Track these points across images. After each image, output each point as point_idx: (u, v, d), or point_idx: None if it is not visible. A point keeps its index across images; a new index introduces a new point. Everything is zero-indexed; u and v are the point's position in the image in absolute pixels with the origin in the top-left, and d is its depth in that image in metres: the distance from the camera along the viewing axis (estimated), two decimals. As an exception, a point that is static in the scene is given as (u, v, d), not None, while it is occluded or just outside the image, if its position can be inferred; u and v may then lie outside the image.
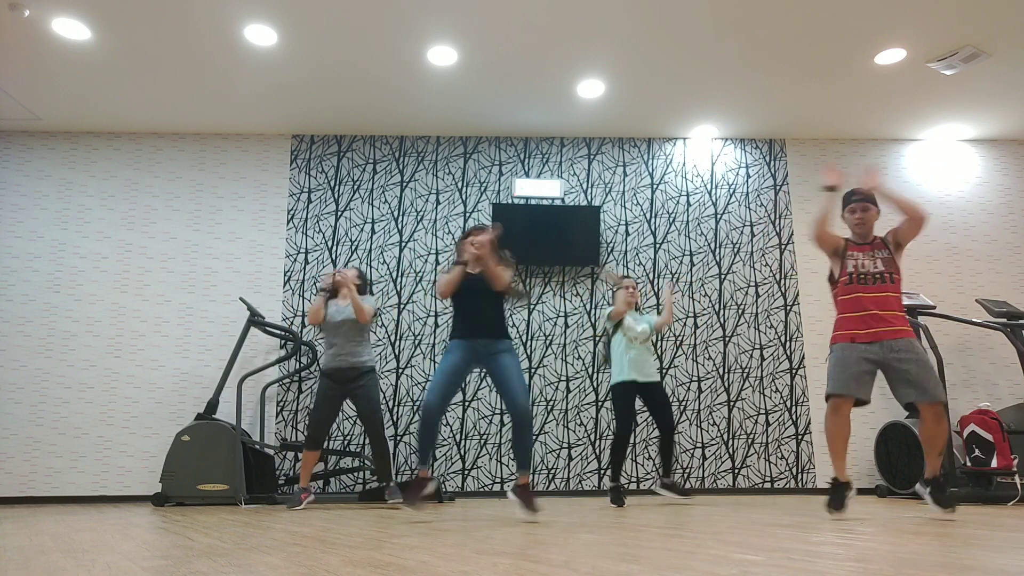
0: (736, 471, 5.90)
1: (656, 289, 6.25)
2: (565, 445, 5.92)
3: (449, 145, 6.48)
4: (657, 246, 6.33)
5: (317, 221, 6.28)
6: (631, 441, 4.74)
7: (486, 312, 3.47)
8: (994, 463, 4.54)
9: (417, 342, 6.07)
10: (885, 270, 3.44)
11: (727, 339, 6.16)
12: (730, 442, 5.95)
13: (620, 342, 4.71)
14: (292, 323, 6.06)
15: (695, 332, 6.16)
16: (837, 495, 3.37)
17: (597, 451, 5.92)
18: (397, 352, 6.05)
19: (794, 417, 6.00)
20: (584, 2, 4.59)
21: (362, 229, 6.29)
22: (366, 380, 4.54)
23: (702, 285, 6.26)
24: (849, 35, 4.96)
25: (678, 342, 6.13)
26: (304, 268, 6.18)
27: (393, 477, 4.59)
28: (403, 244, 6.27)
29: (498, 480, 5.85)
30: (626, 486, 5.85)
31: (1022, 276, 6.31)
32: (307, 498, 4.43)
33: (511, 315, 6.15)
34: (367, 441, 4.68)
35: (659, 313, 6.09)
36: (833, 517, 3.31)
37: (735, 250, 6.33)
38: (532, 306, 6.18)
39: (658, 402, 4.64)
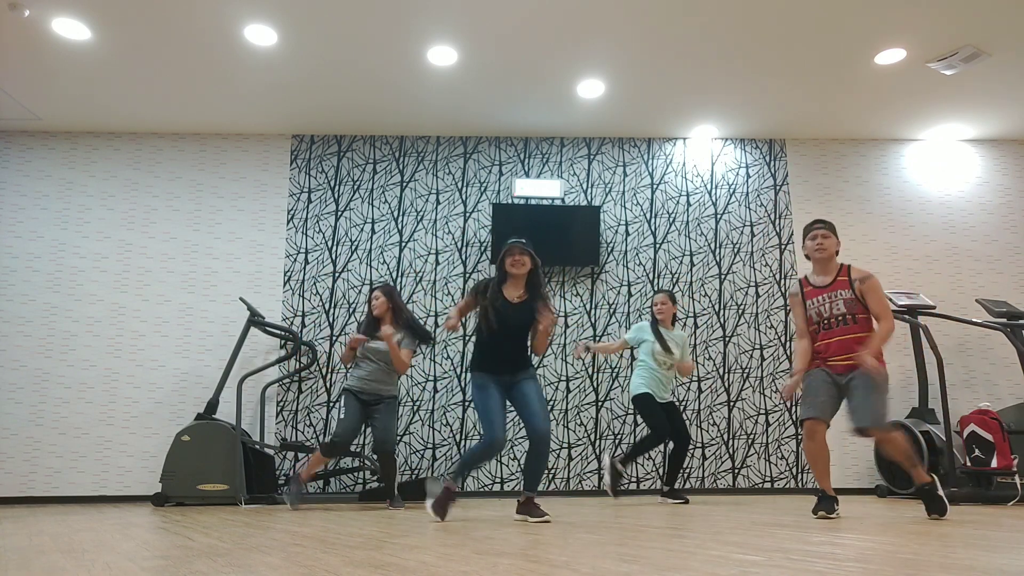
0: (736, 471, 5.90)
1: (656, 290, 6.24)
2: (565, 445, 5.92)
3: (449, 145, 6.48)
4: (657, 246, 6.33)
5: (317, 221, 6.28)
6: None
7: (515, 352, 3.46)
8: (994, 463, 4.54)
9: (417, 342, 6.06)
10: (847, 312, 3.45)
11: (727, 339, 6.16)
12: (730, 442, 5.95)
13: (648, 357, 4.86)
14: (292, 323, 6.06)
15: (695, 332, 6.15)
16: (826, 503, 3.39)
17: (597, 451, 5.92)
18: (397, 352, 6.04)
19: (794, 417, 6.00)
20: (584, 3, 4.58)
21: (362, 229, 6.29)
22: (388, 405, 4.64)
23: (702, 285, 6.26)
24: (849, 35, 4.96)
25: (678, 342, 6.12)
26: (304, 268, 6.18)
27: (396, 493, 4.62)
28: (403, 244, 6.27)
29: (498, 480, 5.85)
30: (626, 485, 5.85)
31: (1022, 276, 6.31)
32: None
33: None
34: (376, 456, 4.72)
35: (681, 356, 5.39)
36: (818, 518, 3.32)
37: (735, 250, 6.33)
38: (532, 306, 6.17)
39: (673, 416, 4.83)
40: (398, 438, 5.89)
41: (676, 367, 4.91)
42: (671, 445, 4.90)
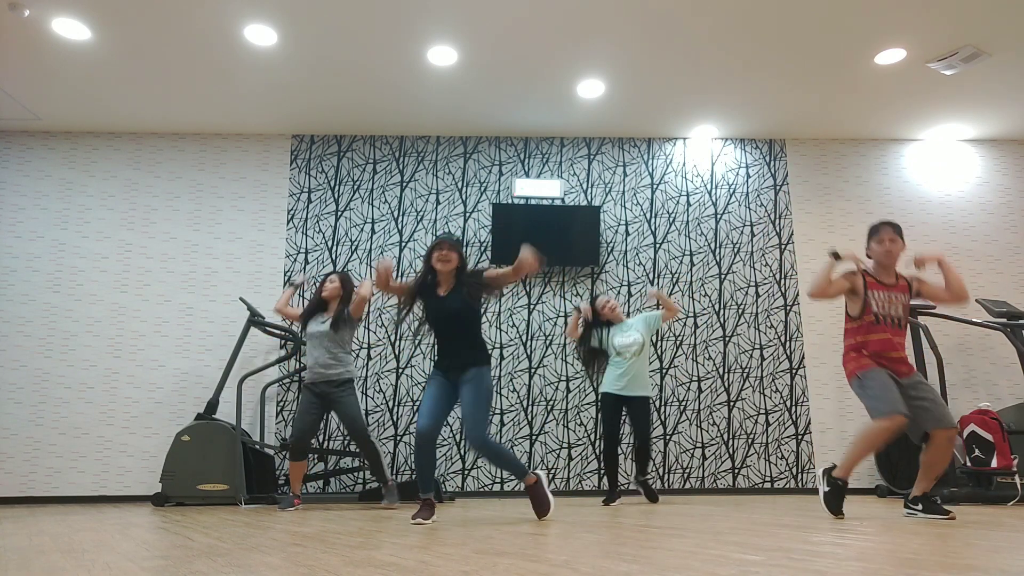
0: (736, 471, 5.90)
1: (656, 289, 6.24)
2: (565, 445, 5.92)
3: (449, 145, 6.48)
4: (657, 246, 6.33)
5: (317, 221, 6.28)
6: (618, 449, 4.78)
7: (458, 348, 3.37)
8: (994, 463, 4.54)
9: (417, 342, 6.07)
10: (902, 315, 3.44)
11: (727, 339, 6.16)
12: (730, 442, 5.95)
13: (612, 355, 4.81)
14: (292, 323, 6.06)
15: (695, 332, 6.15)
16: (838, 498, 3.38)
17: (597, 451, 5.92)
18: (397, 352, 6.05)
19: (794, 417, 6.00)
20: (584, 3, 4.58)
21: (362, 229, 6.29)
22: (343, 391, 4.56)
23: (702, 285, 6.26)
24: (849, 35, 4.96)
25: (678, 342, 6.12)
26: (304, 268, 6.18)
27: (389, 477, 4.62)
28: (403, 244, 6.27)
29: (498, 480, 5.85)
30: (624, 486, 5.84)
31: (1022, 276, 6.31)
32: (298, 503, 4.48)
33: (511, 315, 6.15)
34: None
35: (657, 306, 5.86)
36: (831, 516, 3.32)
37: (735, 250, 6.33)
38: (532, 306, 6.18)
39: (636, 416, 4.71)
40: (399, 437, 5.89)
41: (663, 319, 4.82)
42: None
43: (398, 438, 5.90)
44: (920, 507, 3.32)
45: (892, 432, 3.22)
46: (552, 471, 5.87)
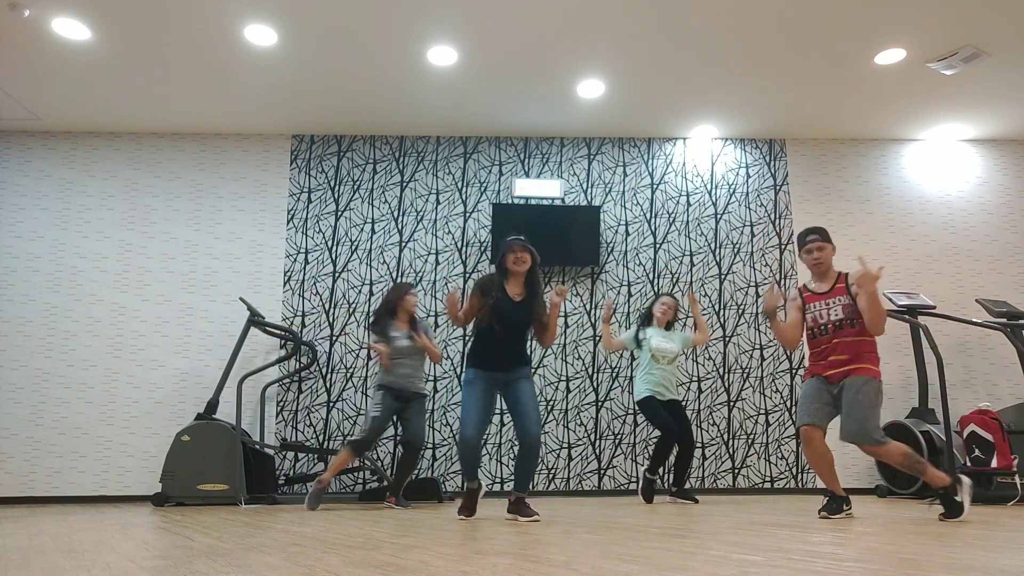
0: (736, 471, 5.90)
1: (656, 289, 6.24)
2: (565, 445, 5.92)
3: (449, 145, 6.48)
4: (657, 246, 6.33)
5: (317, 221, 6.28)
6: (672, 445, 4.77)
7: (513, 349, 3.49)
8: (994, 463, 4.54)
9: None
10: (844, 317, 3.46)
11: (727, 339, 6.16)
12: (730, 442, 5.95)
13: (646, 358, 4.88)
14: (292, 323, 6.06)
15: (695, 332, 6.14)
16: (834, 503, 3.40)
17: (597, 451, 5.92)
18: (397, 352, 6.04)
19: (794, 417, 6.00)
20: (584, 2, 4.58)
21: (362, 229, 6.29)
22: (419, 401, 4.71)
23: (702, 285, 6.26)
24: (849, 35, 4.96)
25: (678, 342, 6.12)
26: (304, 268, 6.18)
27: (400, 494, 4.63)
28: (403, 244, 6.27)
29: (498, 480, 5.85)
30: (626, 485, 5.85)
31: (1022, 276, 6.31)
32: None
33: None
34: (401, 454, 4.70)
35: (694, 329, 5.57)
36: (820, 518, 3.33)
37: (735, 250, 6.33)
38: (532, 306, 6.18)
39: (678, 417, 4.83)
40: (398, 437, 5.89)
41: (693, 343, 5.00)
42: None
43: (398, 438, 5.89)
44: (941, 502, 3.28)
45: (807, 441, 3.43)
46: (552, 471, 5.87)
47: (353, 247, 6.25)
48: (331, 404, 5.94)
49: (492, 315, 3.42)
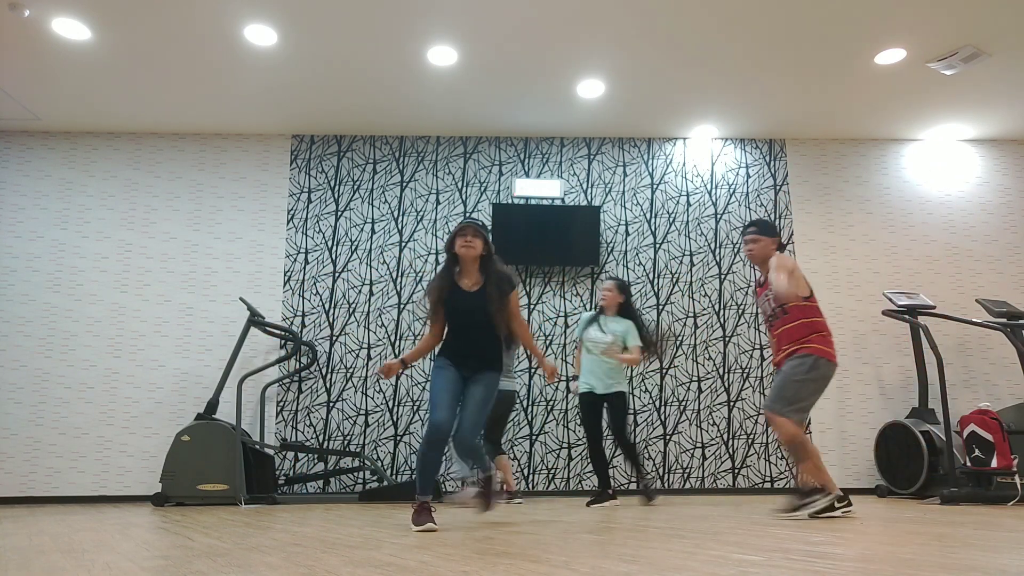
0: (736, 471, 5.90)
1: (656, 289, 6.24)
2: (565, 445, 5.92)
3: (449, 145, 6.48)
4: (657, 246, 6.33)
5: (317, 221, 6.28)
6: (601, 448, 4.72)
7: (478, 345, 3.11)
8: (994, 463, 4.54)
9: (417, 342, 6.06)
10: (776, 306, 3.58)
11: (727, 339, 6.15)
12: (730, 442, 5.95)
13: (588, 344, 4.73)
14: (292, 323, 6.06)
15: (695, 332, 6.15)
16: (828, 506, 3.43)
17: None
18: (397, 352, 6.04)
19: (794, 417, 5.99)
20: (584, 3, 4.58)
21: (362, 229, 6.29)
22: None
23: (702, 285, 6.26)
24: (849, 35, 4.96)
25: (678, 342, 6.12)
26: (304, 268, 6.18)
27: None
28: (403, 244, 6.27)
29: (497, 480, 5.84)
30: (626, 485, 5.84)
31: (1022, 276, 6.31)
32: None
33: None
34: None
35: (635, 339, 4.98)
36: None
37: (735, 250, 6.33)
38: (532, 306, 6.18)
39: (612, 415, 4.69)
40: (399, 437, 5.89)
41: (611, 353, 4.57)
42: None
43: (398, 438, 5.90)
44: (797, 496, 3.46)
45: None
46: (552, 471, 5.87)
47: (353, 247, 6.25)
48: (331, 404, 5.94)
49: (442, 310, 3.08)
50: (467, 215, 6.32)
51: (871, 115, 6.13)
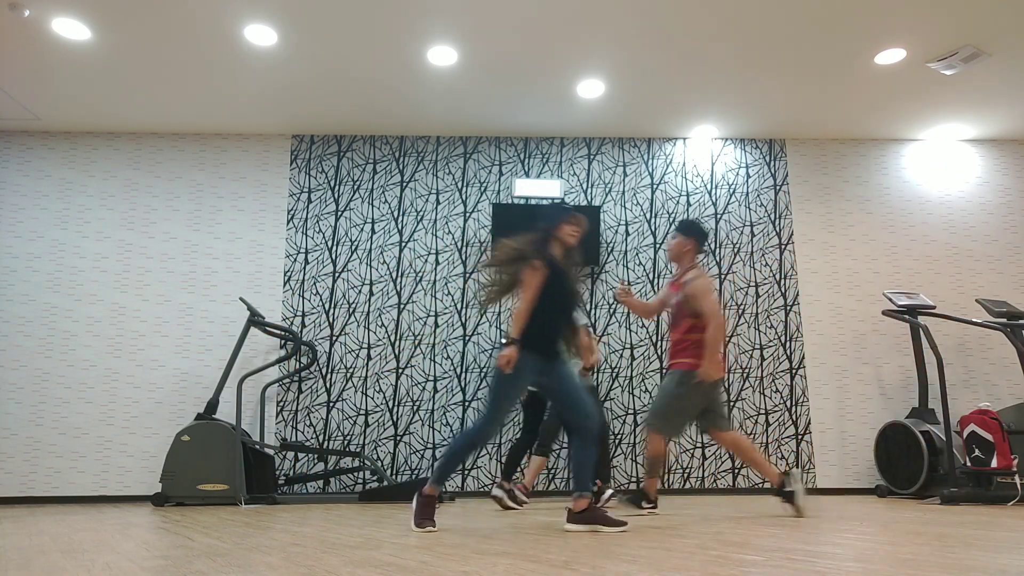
0: (736, 471, 5.90)
1: (656, 289, 6.24)
2: (565, 445, 5.92)
3: (449, 145, 6.48)
4: (657, 246, 6.33)
5: (317, 221, 6.28)
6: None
7: (566, 331, 3.10)
8: (994, 463, 4.54)
9: (417, 342, 6.07)
10: (675, 313, 3.73)
11: (727, 339, 6.15)
12: (730, 442, 5.94)
13: None
14: (292, 323, 6.06)
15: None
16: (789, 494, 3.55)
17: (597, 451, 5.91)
18: (397, 352, 6.05)
19: (794, 417, 6.00)
20: (584, 2, 4.58)
21: (362, 229, 6.29)
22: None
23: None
24: (849, 35, 4.96)
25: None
26: (304, 268, 6.18)
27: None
28: (403, 244, 6.27)
29: (497, 480, 5.84)
30: (626, 484, 5.84)
31: (1022, 276, 6.31)
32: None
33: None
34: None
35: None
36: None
37: (735, 250, 6.33)
38: (532, 306, 6.17)
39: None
40: (399, 437, 5.89)
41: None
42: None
43: (398, 438, 5.90)
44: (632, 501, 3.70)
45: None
46: (552, 471, 5.87)
47: (353, 247, 6.25)
48: (331, 404, 5.94)
49: (560, 294, 3.03)
50: (467, 215, 6.32)
51: (871, 115, 6.13)
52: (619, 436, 5.95)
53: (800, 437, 5.95)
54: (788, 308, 6.22)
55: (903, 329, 6.08)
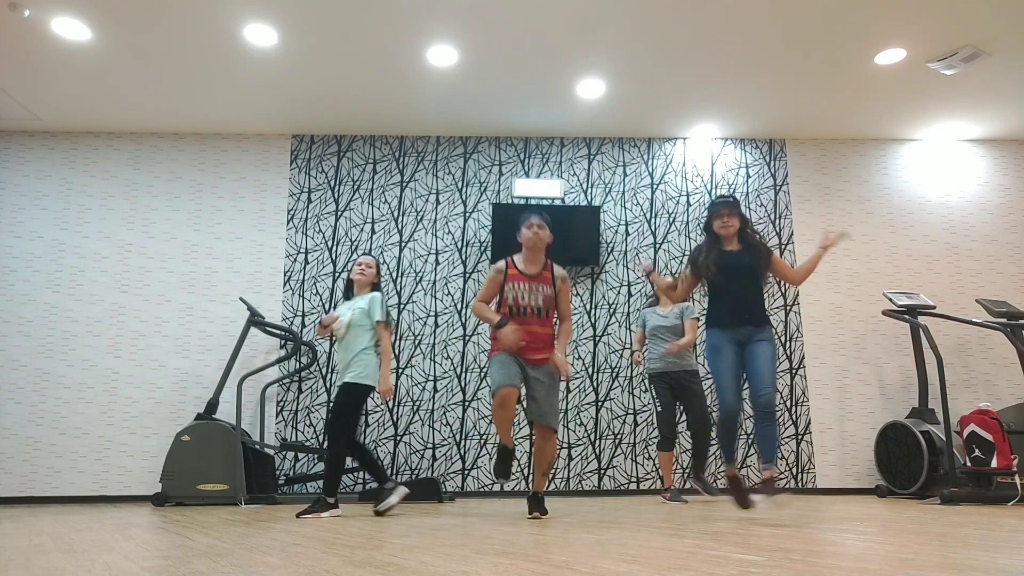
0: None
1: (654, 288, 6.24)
2: (565, 445, 5.92)
3: (449, 145, 6.48)
4: (657, 246, 6.33)
5: (317, 221, 6.28)
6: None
7: (749, 300, 3.37)
8: (994, 463, 4.54)
9: (417, 342, 6.07)
10: (544, 306, 3.63)
11: (727, 339, 6.14)
12: (730, 442, 5.94)
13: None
14: (292, 323, 6.06)
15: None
16: (504, 463, 3.55)
17: (597, 451, 5.92)
18: (397, 352, 6.05)
19: (794, 417, 6.00)
20: (584, 2, 4.58)
21: (362, 229, 6.29)
22: (696, 381, 4.85)
23: (702, 285, 6.24)
24: (849, 35, 4.96)
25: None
26: (304, 268, 6.18)
27: (702, 474, 4.86)
28: (403, 244, 6.27)
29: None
30: (626, 485, 5.84)
31: (1022, 276, 6.31)
32: (668, 497, 4.75)
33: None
34: (693, 438, 4.85)
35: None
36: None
37: (735, 250, 6.32)
38: (532, 306, 6.17)
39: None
40: (399, 437, 5.89)
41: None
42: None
43: (398, 438, 5.89)
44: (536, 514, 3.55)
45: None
46: (552, 471, 5.87)
47: (353, 247, 6.25)
48: (331, 404, 5.93)
49: (710, 270, 3.43)
50: (467, 215, 6.32)
51: (871, 115, 6.13)
52: (619, 436, 5.95)
53: (800, 437, 5.95)
54: (788, 308, 6.22)
55: (903, 329, 6.08)
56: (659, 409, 4.85)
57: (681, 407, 4.88)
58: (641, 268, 3.76)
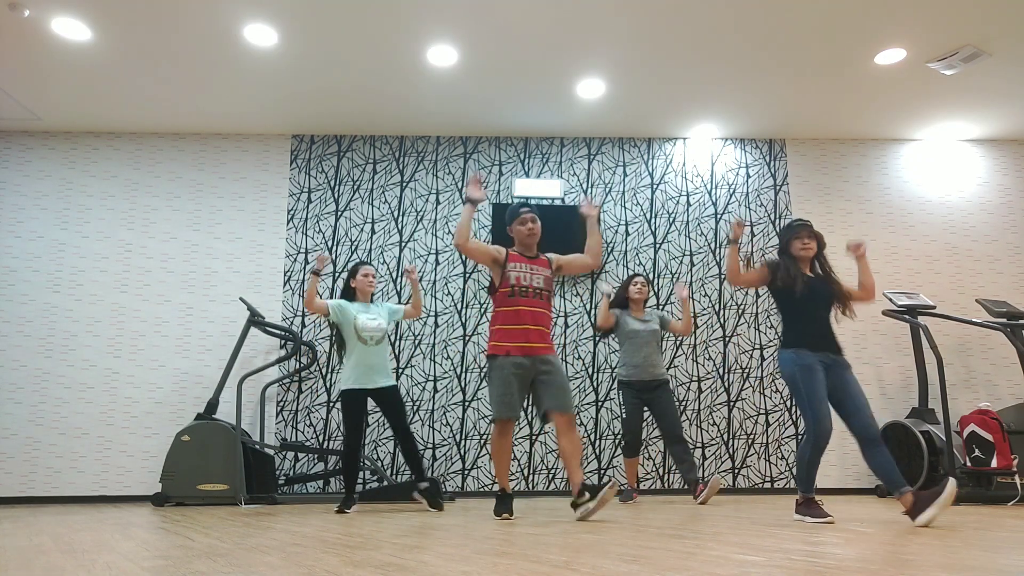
0: (736, 471, 5.90)
1: (656, 289, 6.24)
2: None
3: (449, 145, 6.48)
4: (657, 246, 6.33)
5: (317, 221, 6.28)
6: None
7: (828, 327, 3.35)
8: (994, 463, 4.54)
9: (417, 342, 6.07)
10: (544, 287, 3.66)
11: (727, 339, 6.15)
12: (730, 442, 5.95)
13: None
14: (292, 323, 6.06)
15: (695, 332, 6.15)
16: (503, 505, 3.56)
17: (597, 451, 5.92)
18: (397, 352, 6.05)
19: (794, 417, 6.00)
20: (584, 2, 4.58)
21: (362, 229, 6.29)
22: (666, 390, 4.81)
23: (702, 285, 6.26)
24: (849, 35, 4.96)
25: (678, 342, 6.12)
26: (304, 268, 6.18)
27: (698, 478, 4.89)
28: (403, 244, 6.27)
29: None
30: (625, 485, 5.84)
31: (1022, 276, 6.31)
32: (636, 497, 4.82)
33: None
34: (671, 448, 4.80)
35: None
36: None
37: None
38: (532, 306, 6.17)
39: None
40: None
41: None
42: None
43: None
44: (587, 497, 3.39)
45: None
46: (552, 471, 5.87)
47: (353, 247, 6.25)
48: (331, 404, 5.94)
49: (795, 285, 3.36)
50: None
51: (871, 115, 6.13)
52: (618, 436, 5.95)
53: (800, 437, 5.95)
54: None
55: (903, 329, 6.08)
56: (623, 416, 4.79)
57: (649, 415, 4.87)
58: (736, 225, 3.57)
